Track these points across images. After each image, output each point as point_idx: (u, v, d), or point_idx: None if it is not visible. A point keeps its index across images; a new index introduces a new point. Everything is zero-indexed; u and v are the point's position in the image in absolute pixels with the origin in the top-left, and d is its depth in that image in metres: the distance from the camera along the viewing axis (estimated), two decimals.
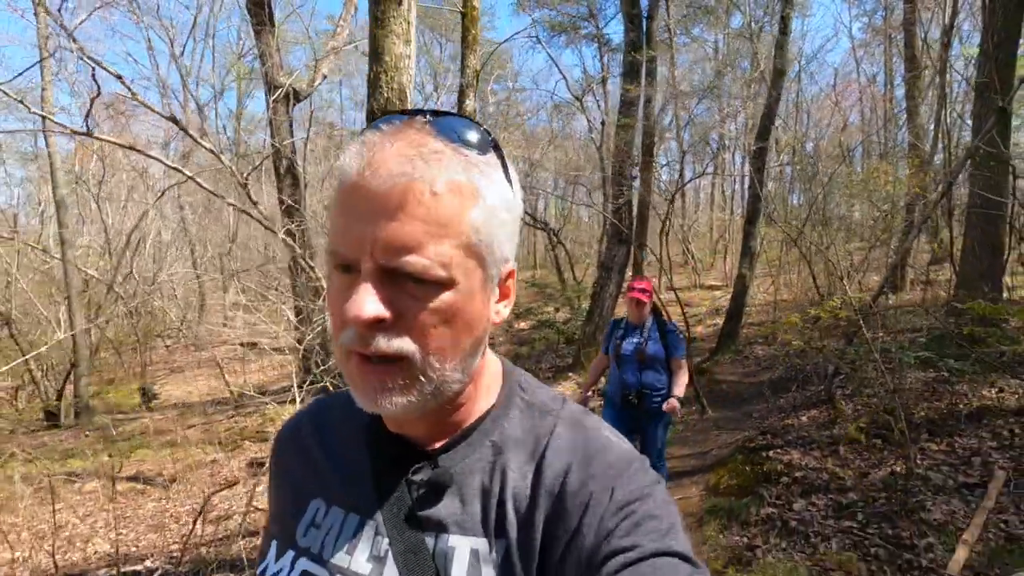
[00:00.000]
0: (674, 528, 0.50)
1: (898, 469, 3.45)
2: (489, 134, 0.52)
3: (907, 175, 9.30)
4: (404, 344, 0.48)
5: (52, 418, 9.92)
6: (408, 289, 0.47)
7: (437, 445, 0.57)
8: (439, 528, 0.54)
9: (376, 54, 2.92)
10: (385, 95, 2.91)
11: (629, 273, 9.18)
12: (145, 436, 8.45)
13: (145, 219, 10.01)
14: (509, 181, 0.53)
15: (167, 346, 15.17)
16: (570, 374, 8.06)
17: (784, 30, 8.77)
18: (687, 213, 20.40)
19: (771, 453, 4.12)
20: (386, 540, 0.55)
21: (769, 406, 5.52)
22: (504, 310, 0.56)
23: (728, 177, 15.50)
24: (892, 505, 3.11)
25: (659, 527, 0.50)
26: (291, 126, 9.83)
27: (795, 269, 10.97)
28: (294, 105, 9.92)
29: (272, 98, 9.32)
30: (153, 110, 4.48)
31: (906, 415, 3.78)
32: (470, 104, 5.52)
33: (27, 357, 8.13)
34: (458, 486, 0.55)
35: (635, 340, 3.29)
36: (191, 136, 4.54)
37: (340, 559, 0.55)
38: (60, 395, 10.20)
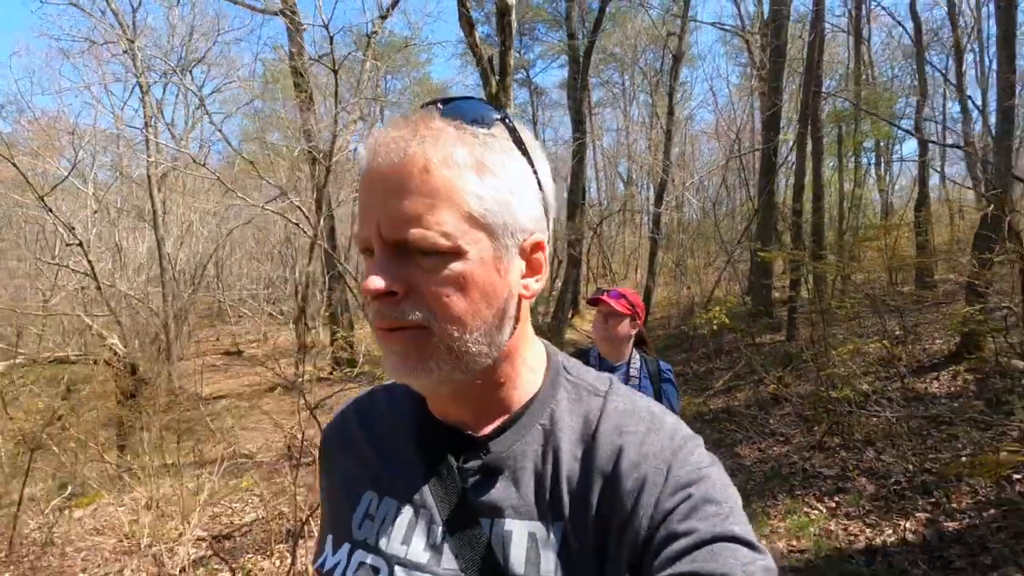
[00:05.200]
0: (734, 512, 0.49)
1: (719, 363, 8.27)
2: (498, 111, 0.54)
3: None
4: (418, 314, 0.50)
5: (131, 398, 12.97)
6: (419, 262, 0.50)
7: (486, 431, 0.58)
8: (495, 513, 0.54)
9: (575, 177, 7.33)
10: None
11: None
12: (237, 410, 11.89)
13: (221, 246, 13.27)
14: (525, 154, 0.54)
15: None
16: None
17: (671, 91, 13.57)
18: (606, 233, 25.49)
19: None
20: (441, 527, 0.55)
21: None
22: (535, 284, 0.56)
23: (637, 212, 20.82)
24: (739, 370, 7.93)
25: (719, 511, 0.49)
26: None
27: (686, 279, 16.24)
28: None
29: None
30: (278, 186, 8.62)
31: (716, 349, 8.67)
32: None
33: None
34: (511, 470, 0.55)
35: None
36: (298, 207, 8.63)
37: (397, 549, 0.55)
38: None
